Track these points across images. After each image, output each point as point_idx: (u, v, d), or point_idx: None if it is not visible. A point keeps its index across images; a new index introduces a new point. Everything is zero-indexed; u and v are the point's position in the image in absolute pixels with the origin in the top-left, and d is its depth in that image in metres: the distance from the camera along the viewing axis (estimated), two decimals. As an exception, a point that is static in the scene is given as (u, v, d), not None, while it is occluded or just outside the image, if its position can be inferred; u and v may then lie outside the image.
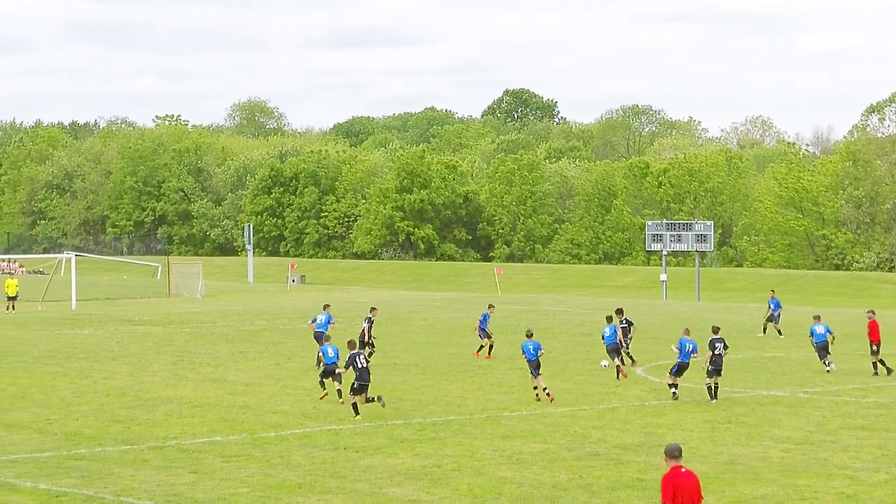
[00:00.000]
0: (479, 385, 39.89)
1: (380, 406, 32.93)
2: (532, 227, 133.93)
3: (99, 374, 42.58)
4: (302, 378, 41.41)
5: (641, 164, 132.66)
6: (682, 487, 17.26)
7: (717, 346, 36.44)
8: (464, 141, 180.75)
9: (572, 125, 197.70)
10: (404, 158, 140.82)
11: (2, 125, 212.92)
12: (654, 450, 28.56)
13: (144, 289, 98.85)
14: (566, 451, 28.53)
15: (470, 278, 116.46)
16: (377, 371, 40.47)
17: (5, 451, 28.51)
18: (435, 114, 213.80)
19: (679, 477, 17.35)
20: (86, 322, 66.51)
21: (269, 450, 28.58)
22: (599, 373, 42.97)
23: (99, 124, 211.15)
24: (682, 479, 17.35)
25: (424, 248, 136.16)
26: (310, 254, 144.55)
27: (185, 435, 30.55)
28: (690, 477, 17.42)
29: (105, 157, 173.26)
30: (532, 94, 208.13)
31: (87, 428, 31.59)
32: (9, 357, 48.15)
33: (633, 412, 34.31)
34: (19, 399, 36.73)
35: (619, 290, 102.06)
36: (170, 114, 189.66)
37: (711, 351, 36.31)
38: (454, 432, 30.87)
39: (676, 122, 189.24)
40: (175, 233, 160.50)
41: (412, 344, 53.65)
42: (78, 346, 52.68)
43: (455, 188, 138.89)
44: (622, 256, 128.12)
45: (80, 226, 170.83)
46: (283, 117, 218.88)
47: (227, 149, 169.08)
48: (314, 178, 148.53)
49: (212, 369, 44.18)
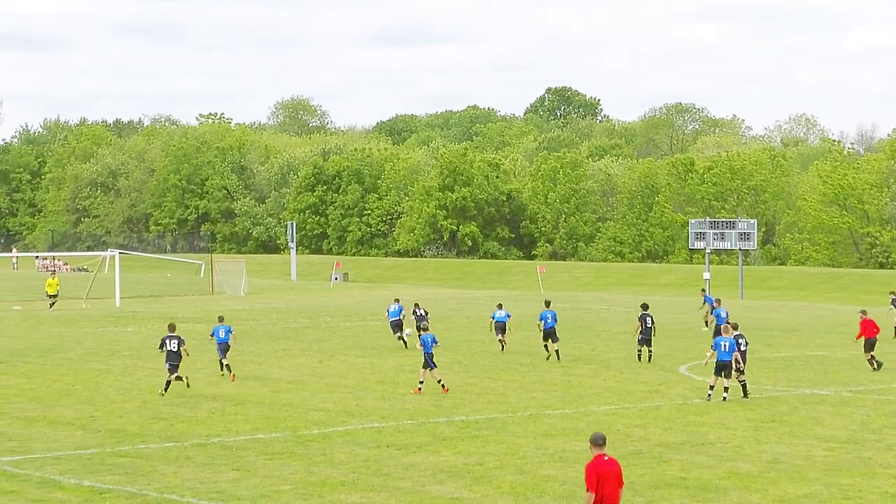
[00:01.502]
0: (521, 383, 39.84)
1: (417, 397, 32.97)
2: (575, 225, 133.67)
3: (143, 372, 42.78)
4: (345, 375, 41.49)
5: (685, 162, 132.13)
6: (605, 474, 18.01)
7: (740, 343, 36.42)
8: (506, 139, 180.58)
9: (615, 123, 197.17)
10: (447, 156, 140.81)
11: (47, 123, 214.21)
12: (697, 448, 28.46)
13: (188, 286, 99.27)
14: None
15: (513, 276, 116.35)
16: (419, 369, 40.44)
17: (50, 447, 28.68)
18: (478, 112, 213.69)
19: (602, 465, 18.11)
20: (129, 320, 66.84)
21: (312, 447, 28.63)
22: (642, 371, 42.86)
23: (143, 122, 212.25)
24: (605, 466, 18.10)
25: (468, 246, 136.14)
26: (352, 252, 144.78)
27: (228, 432, 30.64)
28: (613, 464, 18.20)
29: (149, 155, 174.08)
30: (575, 91, 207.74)
31: (130, 425, 31.73)
32: (54, 354, 48.46)
33: (676, 410, 34.19)
34: (64, 396, 36.94)
35: (662, 289, 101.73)
36: (213, 112, 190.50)
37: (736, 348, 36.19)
38: (497, 430, 30.84)
39: (720, 121, 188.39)
40: (218, 230, 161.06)
41: (455, 342, 53.64)
42: (122, 344, 52.95)
43: (498, 186, 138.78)
44: (665, 254, 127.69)
45: (123, 223, 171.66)
46: (326, 115, 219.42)
47: (270, 147, 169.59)
48: (357, 175, 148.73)
49: (255, 367, 44.31)
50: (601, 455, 18.22)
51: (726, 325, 38.19)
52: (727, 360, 35.75)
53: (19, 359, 46.70)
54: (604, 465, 18.12)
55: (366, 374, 41.97)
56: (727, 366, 35.76)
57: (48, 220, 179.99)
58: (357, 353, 49.01)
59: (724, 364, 35.76)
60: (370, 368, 43.71)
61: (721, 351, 35.86)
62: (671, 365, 44.31)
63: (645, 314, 45.69)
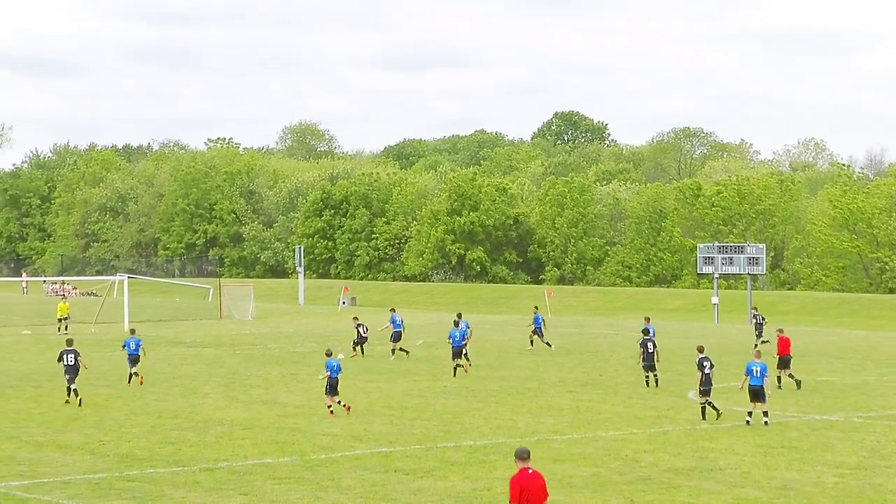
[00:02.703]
0: (529, 408, 39.80)
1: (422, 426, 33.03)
2: (583, 249, 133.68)
3: (151, 396, 42.79)
4: (353, 400, 41.46)
5: (693, 186, 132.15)
6: (528, 487, 18.53)
7: (705, 366, 37.07)
8: (514, 163, 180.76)
9: (623, 147, 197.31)
10: (455, 181, 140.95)
11: (56, 148, 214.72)
12: (706, 474, 28.40)
13: (196, 311, 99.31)
14: (617, 475, 28.40)
15: (521, 300, 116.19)
16: (428, 394, 40.46)
17: (59, 472, 28.69)
18: (485, 136, 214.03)
19: (526, 478, 18.65)
20: (138, 344, 66.81)
21: (320, 472, 28.61)
22: (651, 396, 42.80)
23: (152, 147, 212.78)
24: (528, 479, 18.64)
25: (476, 271, 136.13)
26: (361, 276, 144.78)
27: (236, 457, 30.63)
28: (537, 477, 18.74)
29: (157, 179, 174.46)
30: (582, 116, 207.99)
31: (139, 449, 31.74)
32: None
33: (684, 436, 34.12)
34: (72, 420, 36.95)
35: (670, 313, 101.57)
36: (222, 136, 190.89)
37: (700, 371, 36.89)
38: (504, 455, 30.79)
39: (728, 145, 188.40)
40: (226, 255, 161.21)
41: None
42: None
43: (505, 210, 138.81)
44: (673, 279, 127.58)
45: (132, 248, 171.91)
46: (334, 140, 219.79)
47: (278, 171, 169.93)
48: (365, 200, 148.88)
49: (263, 391, 44.30)
50: (525, 469, 18.75)
51: (757, 351, 38.33)
52: (759, 384, 36.12)
53: (28, 383, 46.74)
54: (527, 479, 18.62)
55: (373, 399, 41.95)
56: (760, 391, 36.09)
57: (58, 244, 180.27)
58: (365, 377, 48.99)
59: (757, 389, 36.11)
60: (378, 393, 43.68)
61: (753, 376, 36.26)
62: (680, 390, 44.24)
63: (646, 339, 46.00)
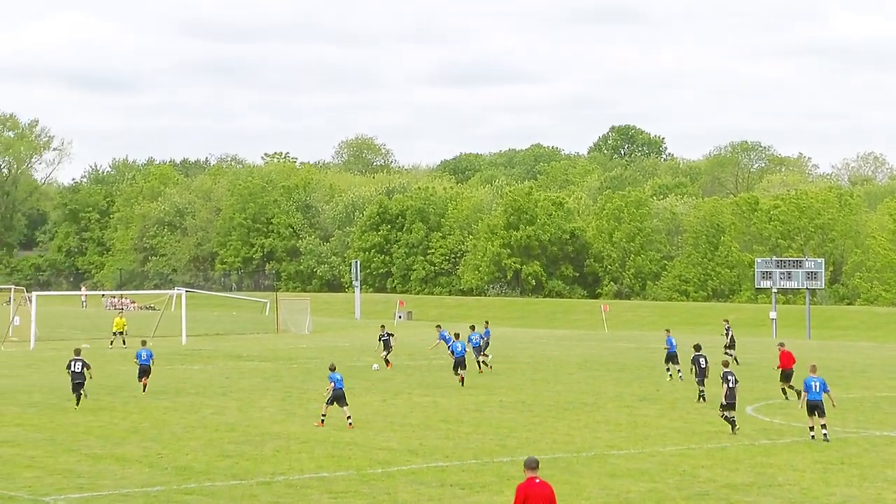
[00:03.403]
0: (586, 423, 39.67)
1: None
2: (641, 263, 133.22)
3: (208, 410, 42.98)
4: (409, 414, 41.50)
5: (750, 200, 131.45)
6: (533, 496, 18.78)
7: (729, 380, 37.20)
8: (570, 177, 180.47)
9: (680, 161, 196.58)
10: (511, 195, 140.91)
11: (115, 163, 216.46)
12: (764, 490, 28.19)
13: (253, 325, 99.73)
14: (675, 490, 28.25)
15: (577, 315, 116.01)
16: (484, 408, 40.35)
17: (118, 484, 28.86)
18: (541, 150, 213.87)
19: (532, 486, 18.88)
20: (196, 358, 67.21)
21: (376, 486, 28.62)
22: (708, 411, 42.54)
23: (209, 161, 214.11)
24: (534, 488, 18.85)
25: (532, 285, 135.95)
26: (416, 290, 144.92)
27: (292, 470, 30.71)
28: (544, 487, 18.95)
29: (215, 194, 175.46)
30: (638, 130, 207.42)
31: (196, 463, 31.88)
32: (121, 392, 48.80)
33: (743, 451, 33.90)
34: (131, 434, 37.18)
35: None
36: (278, 151, 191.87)
37: (725, 384, 37.03)
38: (561, 470, 30.70)
39: (786, 159, 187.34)
40: (283, 269, 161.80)
41: (518, 381, 53.50)
42: (188, 382, 53.23)
43: (561, 225, 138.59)
44: (731, 294, 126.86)
45: (190, 262, 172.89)
46: (390, 154, 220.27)
47: (334, 185, 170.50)
48: (421, 214, 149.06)
49: (320, 405, 44.38)
50: (533, 478, 18.96)
51: (813, 366, 38.06)
52: (818, 399, 35.98)
53: (88, 396, 47.07)
54: (533, 487, 18.85)
55: (430, 413, 41.94)
56: (819, 405, 35.93)
57: (116, 258, 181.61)
58: (421, 391, 49.00)
59: (816, 403, 35.95)
60: (434, 407, 43.68)
61: (812, 391, 36.10)
62: (738, 406, 43.93)
63: (698, 355, 45.48)
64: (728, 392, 37.04)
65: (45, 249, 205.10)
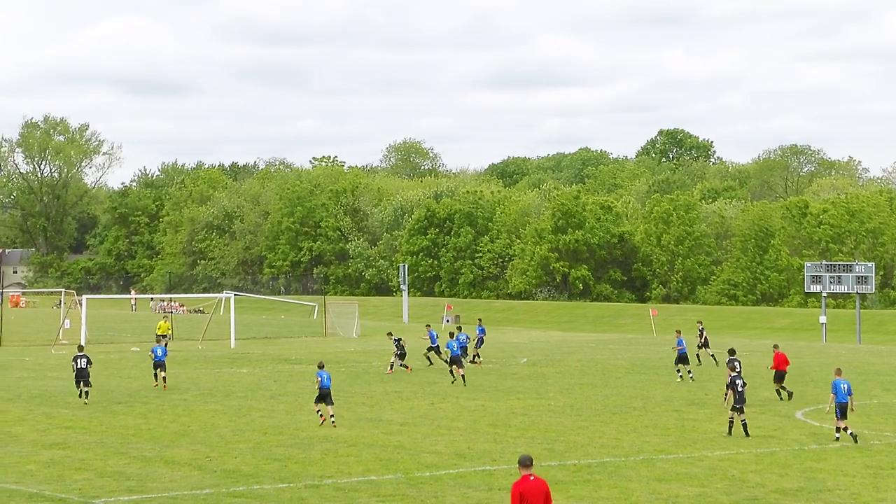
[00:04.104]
0: (634, 427, 39.53)
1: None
2: (690, 267, 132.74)
3: (257, 413, 43.11)
4: (457, 418, 41.48)
5: (800, 204, 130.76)
6: (529, 492, 19.16)
7: (737, 383, 37.13)
8: (618, 181, 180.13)
9: (728, 165, 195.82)
10: (559, 199, 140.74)
11: (164, 167, 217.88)
12: (814, 495, 28.00)
13: (301, 328, 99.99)
14: (723, 495, 28.10)
15: (625, 319, 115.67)
16: (532, 412, 40.23)
17: (166, 487, 28.99)
18: (589, 154, 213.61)
19: (527, 483, 19.25)
20: (244, 361, 67.45)
21: (424, 490, 28.62)
22: (757, 416, 42.31)
23: (258, 166, 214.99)
24: (529, 485, 19.24)
25: (580, 289, 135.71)
26: (464, 294, 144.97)
27: (340, 474, 30.75)
28: (539, 483, 19.35)
29: (263, 198, 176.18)
30: (687, 133, 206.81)
31: (245, 465, 31.98)
32: (170, 395, 49.04)
33: (792, 456, 33.69)
34: (180, 436, 37.34)
35: (777, 333, 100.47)
36: (326, 155, 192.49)
37: (733, 388, 37.02)
38: (609, 474, 30.61)
39: (836, 162, 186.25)
40: (331, 272, 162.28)
41: (566, 385, 53.39)
42: (236, 385, 53.42)
43: (610, 228, 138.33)
44: (780, 298, 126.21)
45: (238, 266, 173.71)
46: (438, 158, 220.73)
47: (382, 189, 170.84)
48: (469, 218, 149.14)
49: (367, 409, 44.45)
50: (528, 475, 19.34)
51: (839, 369, 38.03)
52: (845, 401, 36.05)
53: (137, 399, 47.35)
54: (528, 484, 19.23)
55: (477, 417, 41.90)
56: (845, 407, 36.05)
57: (165, 262, 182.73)
58: (468, 395, 48.98)
59: (843, 406, 36.05)
60: (482, 411, 43.64)
61: (840, 393, 36.11)
62: (787, 410, 43.70)
63: (732, 359, 45.41)
64: (737, 396, 37.03)
65: (95, 253, 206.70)
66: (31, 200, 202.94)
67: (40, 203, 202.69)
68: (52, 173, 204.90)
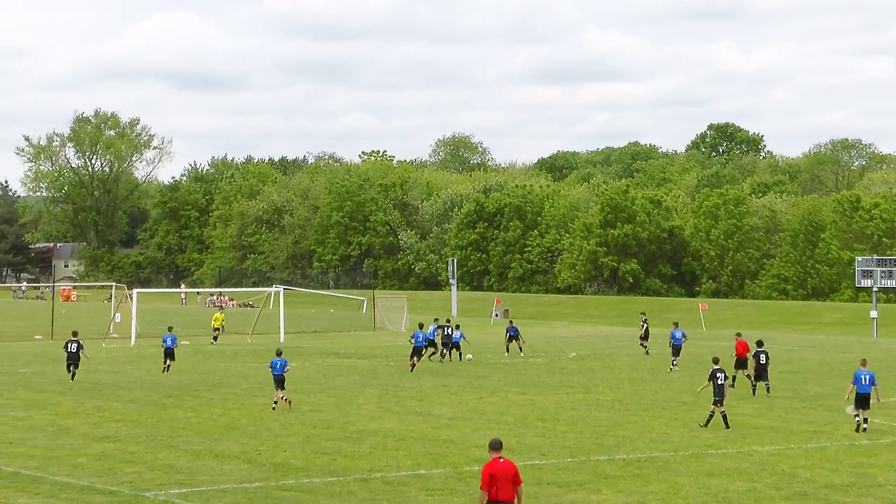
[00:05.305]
0: (683, 421, 39.42)
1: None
2: (739, 261, 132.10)
3: (306, 406, 43.25)
4: (506, 412, 41.48)
5: (851, 198, 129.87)
6: (498, 474, 20.16)
7: (718, 377, 38.10)
8: (667, 175, 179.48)
9: (779, 159, 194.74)
10: (608, 193, 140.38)
11: (214, 161, 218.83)
12: (864, 490, 27.84)
13: (350, 322, 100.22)
14: (773, 490, 27.99)
15: (674, 314, 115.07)
16: (581, 407, 40.18)
17: (216, 480, 29.15)
18: (638, 148, 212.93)
19: (496, 466, 20.25)
20: (293, 355, 67.63)
21: (473, 484, 28.63)
22: (807, 410, 42.11)
23: (307, 160, 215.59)
24: (499, 467, 20.23)
25: (629, 283, 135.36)
26: (513, 288, 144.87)
27: (389, 468, 30.82)
28: (507, 465, 20.36)
29: (312, 192, 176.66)
30: (737, 128, 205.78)
31: (294, 459, 32.10)
32: (220, 389, 49.30)
33: (842, 451, 33.50)
34: (229, 430, 37.52)
35: (827, 327, 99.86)
36: (376, 149, 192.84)
37: (713, 382, 37.98)
38: (658, 469, 30.54)
39: (887, 156, 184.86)
40: (381, 266, 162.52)
41: (616, 380, 53.30)
42: (286, 379, 53.60)
43: (659, 223, 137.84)
44: (831, 292, 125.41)
45: (287, 260, 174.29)
46: (487, 152, 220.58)
47: (431, 183, 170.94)
48: (518, 212, 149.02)
49: (416, 403, 44.52)
50: (497, 458, 20.35)
51: (864, 360, 38.46)
52: (867, 392, 36.77)
53: (187, 393, 47.61)
54: (498, 466, 20.23)
55: (526, 411, 41.89)
56: (867, 398, 36.79)
57: (215, 256, 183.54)
58: (517, 389, 48.97)
59: (864, 396, 36.82)
60: (531, 405, 43.63)
61: (861, 384, 36.89)
62: (837, 405, 43.44)
63: (759, 351, 46.97)
64: (717, 389, 37.82)
65: (146, 247, 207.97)
66: (82, 195, 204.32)
67: (91, 197, 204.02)
68: (102, 168, 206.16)
